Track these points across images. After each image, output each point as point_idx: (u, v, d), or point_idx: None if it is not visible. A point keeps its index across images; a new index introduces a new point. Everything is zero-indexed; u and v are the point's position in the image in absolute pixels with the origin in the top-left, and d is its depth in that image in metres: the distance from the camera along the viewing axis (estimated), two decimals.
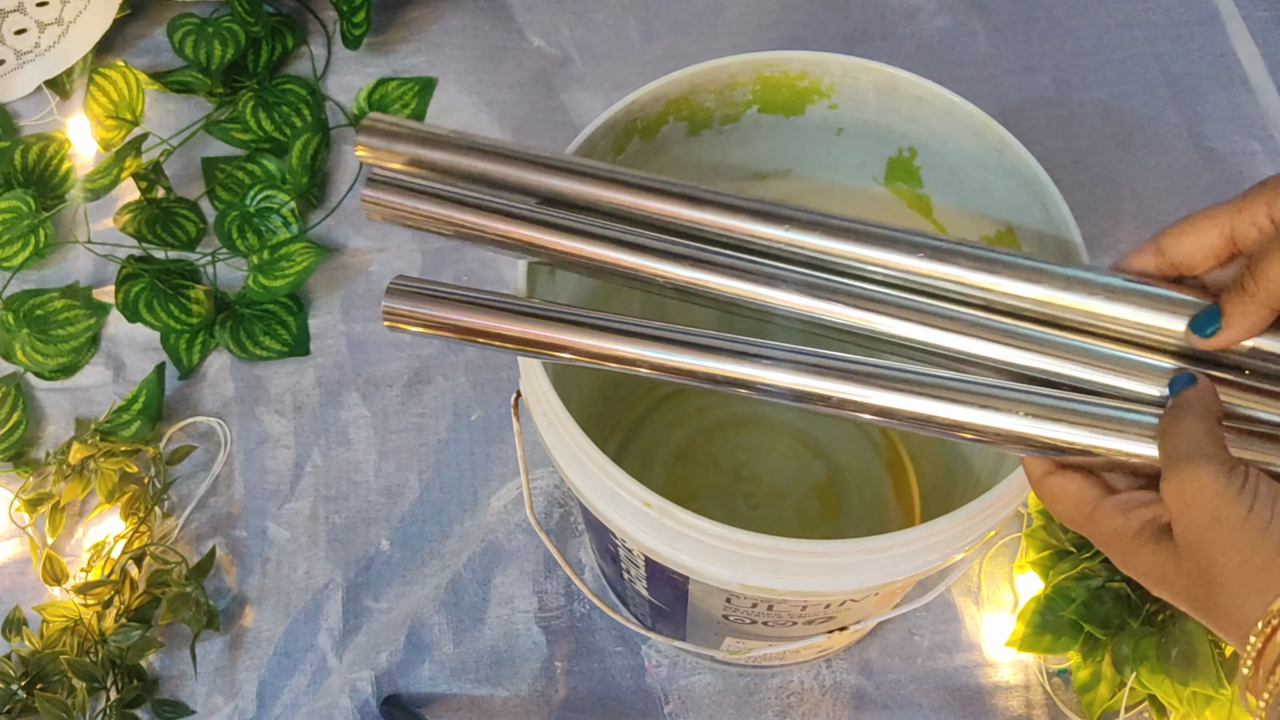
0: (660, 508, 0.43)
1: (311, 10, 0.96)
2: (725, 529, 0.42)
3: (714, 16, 0.96)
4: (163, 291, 0.81)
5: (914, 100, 0.52)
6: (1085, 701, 0.65)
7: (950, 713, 0.69)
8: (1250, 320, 0.36)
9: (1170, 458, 0.35)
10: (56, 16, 0.88)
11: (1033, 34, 0.94)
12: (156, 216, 0.85)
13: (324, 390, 0.81)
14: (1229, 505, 0.32)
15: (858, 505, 0.73)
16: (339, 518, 0.77)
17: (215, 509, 0.77)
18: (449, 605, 0.73)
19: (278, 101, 0.90)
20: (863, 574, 0.44)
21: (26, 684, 0.67)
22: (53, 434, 0.80)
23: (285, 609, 0.74)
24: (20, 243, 0.83)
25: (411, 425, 0.79)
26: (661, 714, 0.70)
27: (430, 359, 0.82)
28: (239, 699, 0.71)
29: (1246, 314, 0.36)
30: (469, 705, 0.70)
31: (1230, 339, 0.36)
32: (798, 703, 0.70)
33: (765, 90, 0.54)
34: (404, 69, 0.93)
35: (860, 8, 0.95)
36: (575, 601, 0.73)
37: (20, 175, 0.86)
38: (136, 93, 0.88)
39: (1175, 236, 0.38)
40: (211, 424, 0.80)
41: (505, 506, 0.76)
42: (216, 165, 0.89)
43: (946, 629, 0.71)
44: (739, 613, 0.52)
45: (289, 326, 0.82)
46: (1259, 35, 0.93)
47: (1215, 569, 0.32)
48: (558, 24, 0.96)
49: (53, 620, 0.70)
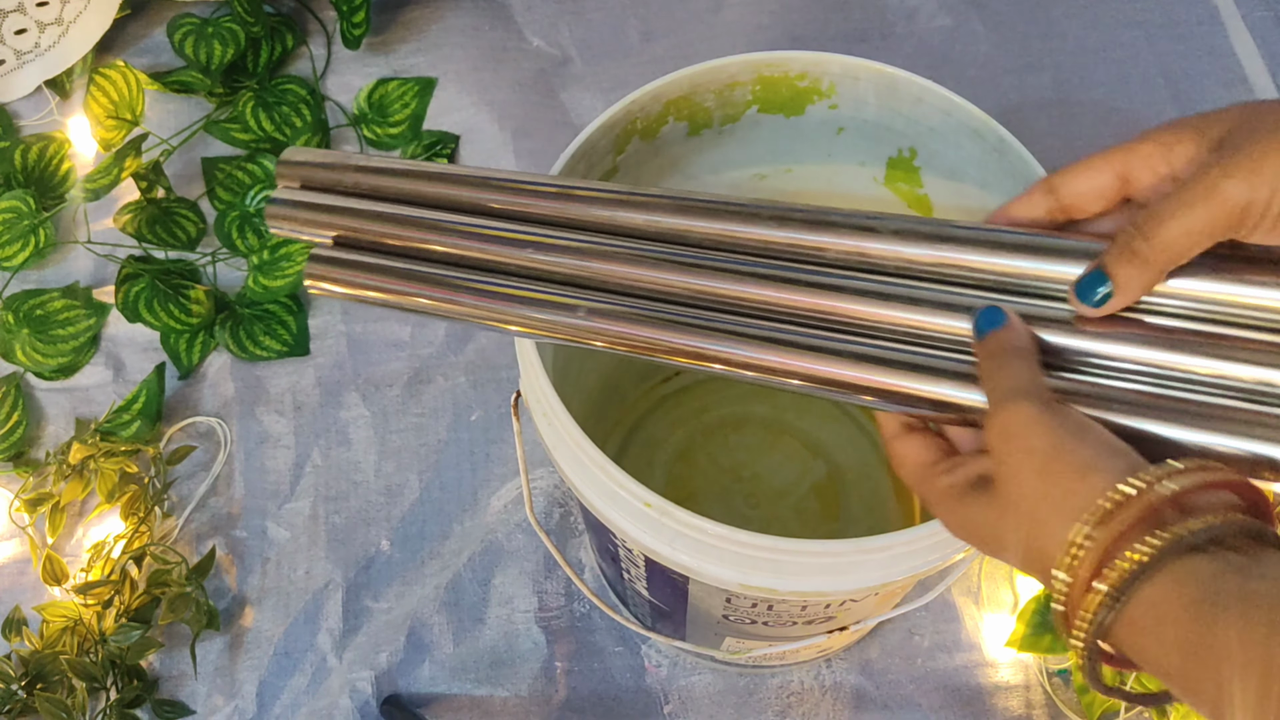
0: (660, 508, 0.43)
1: (311, 10, 0.96)
2: (725, 529, 0.41)
3: (714, 16, 0.96)
4: (163, 291, 0.81)
5: (914, 100, 0.52)
6: (1085, 702, 0.65)
7: (950, 713, 0.69)
8: (1144, 284, 0.34)
9: (992, 399, 0.34)
10: (56, 16, 0.88)
11: (1032, 34, 0.94)
12: (156, 216, 0.85)
13: (324, 390, 0.81)
14: (1040, 436, 0.31)
15: (858, 505, 0.73)
16: (339, 518, 0.77)
17: (215, 509, 0.77)
18: (449, 605, 0.73)
19: (278, 101, 0.90)
20: (863, 574, 0.44)
21: (26, 684, 0.67)
22: (53, 434, 0.80)
23: (285, 609, 0.74)
24: (20, 243, 0.83)
25: (411, 425, 0.79)
26: (661, 714, 0.70)
27: (430, 359, 0.82)
28: (239, 699, 0.71)
29: (1139, 278, 0.34)
30: (469, 705, 0.70)
31: (1118, 306, 0.35)
32: (798, 703, 0.70)
33: (765, 90, 0.54)
34: (404, 69, 0.93)
35: (860, 8, 0.95)
36: (575, 601, 0.73)
37: (20, 175, 0.86)
38: (136, 93, 0.88)
39: (1068, 176, 0.36)
40: (211, 424, 0.80)
41: (505, 506, 0.76)
42: (216, 165, 0.89)
43: (946, 629, 0.71)
44: (739, 613, 0.52)
45: (289, 326, 0.82)
46: (1258, 35, 0.93)
47: (1027, 503, 0.31)
48: (557, 24, 0.96)
49: (53, 620, 0.70)
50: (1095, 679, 0.31)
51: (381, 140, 0.90)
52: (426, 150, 0.89)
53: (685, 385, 0.77)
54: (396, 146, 0.90)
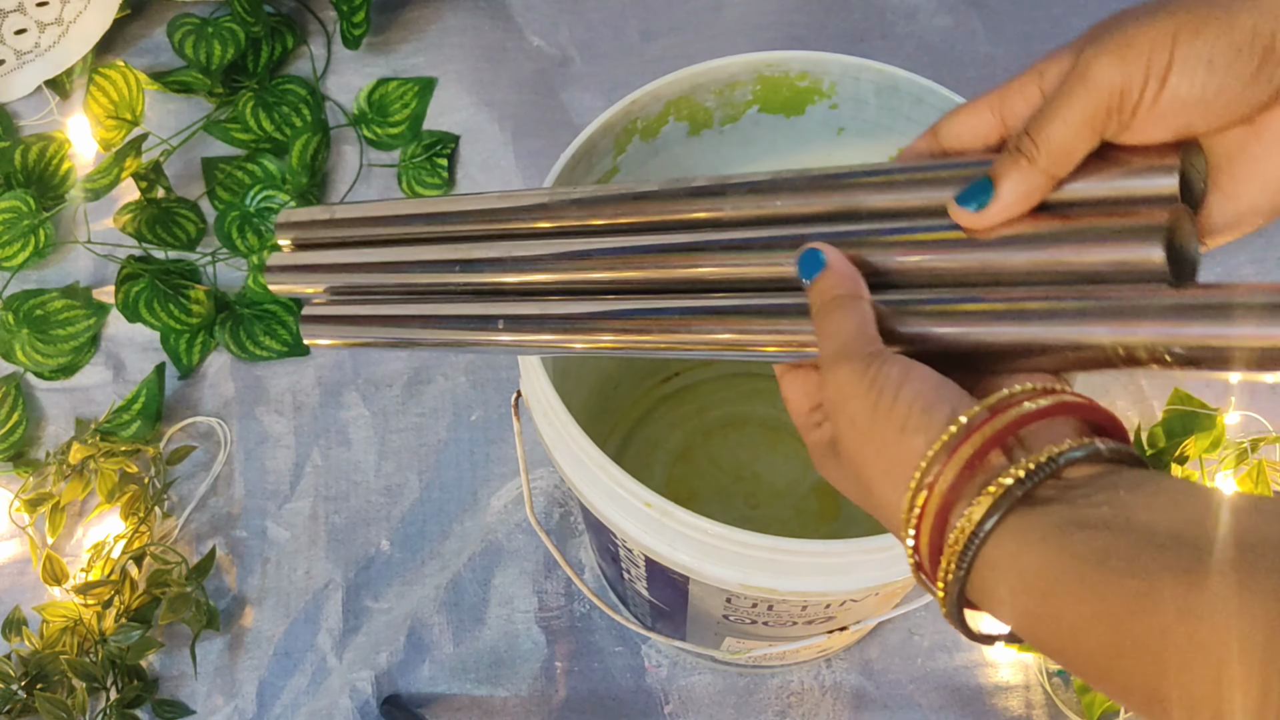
0: (660, 507, 0.43)
1: (311, 10, 0.96)
2: (725, 529, 0.41)
3: (714, 16, 0.96)
4: (163, 291, 0.81)
5: (914, 100, 0.52)
6: (1085, 702, 0.65)
7: (950, 713, 0.69)
8: (1029, 189, 0.31)
9: (821, 362, 0.32)
10: (56, 16, 0.88)
11: (1033, 34, 0.94)
12: (156, 216, 0.85)
13: (324, 390, 0.81)
14: (859, 399, 0.30)
15: (858, 505, 0.72)
16: (339, 518, 0.77)
17: (215, 509, 0.77)
18: (449, 605, 0.73)
19: (277, 101, 0.90)
20: (863, 574, 0.44)
21: (26, 684, 0.67)
22: (53, 434, 0.80)
23: (285, 609, 0.74)
24: (20, 243, 0.83)
25: (411, 425, 0.79)
26: (661, 714, 0.70)
27: (430, 359, 0.82)
28: (239, 699, 0.71)
29: (1025, 181, 0.31)
30: (469, 705, 0.70)
31: (1003, 212, 0.32)
32: (798, 703, 0.69)
33: (766, 90, 0.54)
34: (404, 69, 0.93)
35: (860, 7, 0.95)
36: (575, 601, 0.73)
37: (20, 175, 0.86)
38: (136, 93, 0.88)
39: (949, 118, 0.35)
40: (211, 424, 0.80)
41: (505, 506, 0.76)
42: (216, 165, 0.89)
43: (946, 629, 0.71)
44: (739, 613, 0.52)
45: (289, 326, 0.82)
46: None
47: (864, 471, 0.30)
48: (557, 24, 0.96)
49: (53, 620, 0.70)
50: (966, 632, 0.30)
51: (381, 140, 0.90)
52: (426, 150, 0.89)
53: (686, 385, 0.77)
54: (396, 146, 0.90)
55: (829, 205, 0.37)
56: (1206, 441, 0.67)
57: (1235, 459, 0.69)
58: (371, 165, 0.90)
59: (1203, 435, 0.67)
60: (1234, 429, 0.72)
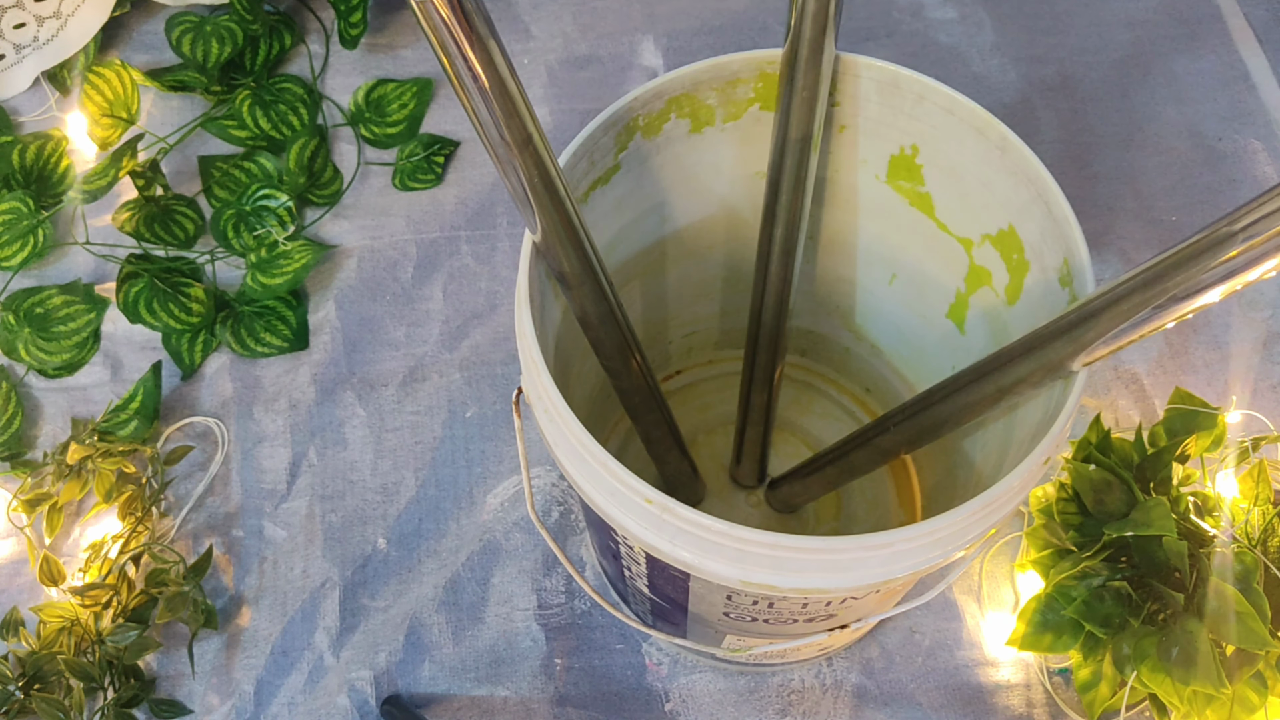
0: (661, 504, 0.43)
1: (310, 9, 0.95)
2: (726, 525, 0.41)
3: (717, 16, 0.96)
4: (162, 291, 0.80)
5: (916, 98, 0.51)
6: (1086, 700, 0.65)
7: (951, 711, 0.69)
8: None
9: None
10: (55, 10, 0.88)
11: (1036, 31, 0.94)
12: (155, 215, 0.84)
13: (320, 389, 0.81)
14: None
15: (859, 503, 0.72)
16: (335, 516, 0.76)
17: (212, 509, 0.77)
18: (447, 604, 0.73)
19: (275, 100, 0.90)
20: (864, 571, 0.44)
21: (24, 684, 0.67)
22: (50, 433, 0.80)
23: (282, 608, 0.73)
24: (20, 243, 0.83)
25: (407, 423, 0.79)
26: (662, 712, 0.69)
27: (425, 357, 0.81)
28: (236, 698, 0.71)
29: None
30: (469, 704, 0.70)
31: None
32: (798, 701, 0.69)
33: (768, 88, 0.54)
34: (402, 69, 0.93)
35: (865, 4, 0.95)
36: (575, 599, 0.72)
37: (19, 174, 0.86)
38: (131, 91, 0.87)
39: None
40: (209, 424, 0.80)
41: (502, 504, 0.76)
42: (214, 163, 0.88)
43: (947, 627, 0.71)
44: (740, 610, 0.51)
45: (289, 322, 0.82)
46: (1261, 33, 0.93)
47: None
48: (560, 23, 0.95)
49: (50, 620, 0.69)
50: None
51: (379, 139, 0.90)
52: (425, 150, 0.89)
53: (687, 383, 0.76)
54: (394, 145, 0.90)
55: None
56: (1208, 440, 0.67)
57: (1236, 458, 0.68)
58: (369, 164, 0.90)
59: (1204, 434, 0.67)
60: (1235, 428, 0.73)
